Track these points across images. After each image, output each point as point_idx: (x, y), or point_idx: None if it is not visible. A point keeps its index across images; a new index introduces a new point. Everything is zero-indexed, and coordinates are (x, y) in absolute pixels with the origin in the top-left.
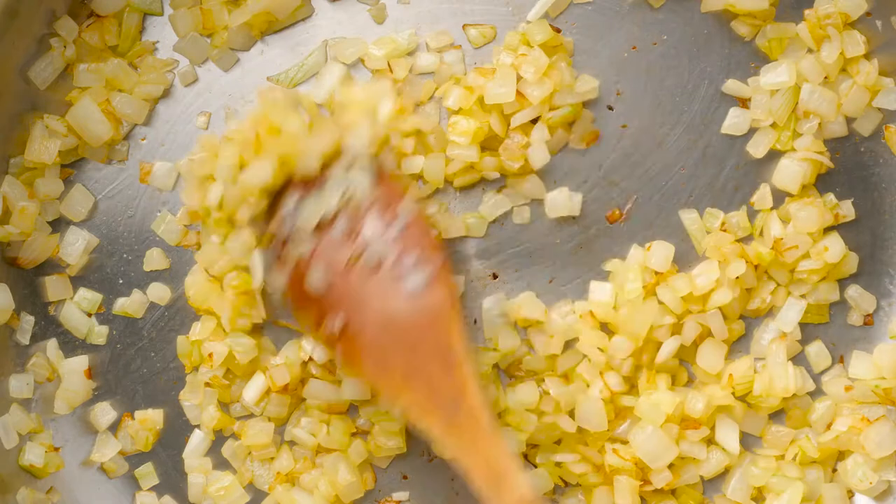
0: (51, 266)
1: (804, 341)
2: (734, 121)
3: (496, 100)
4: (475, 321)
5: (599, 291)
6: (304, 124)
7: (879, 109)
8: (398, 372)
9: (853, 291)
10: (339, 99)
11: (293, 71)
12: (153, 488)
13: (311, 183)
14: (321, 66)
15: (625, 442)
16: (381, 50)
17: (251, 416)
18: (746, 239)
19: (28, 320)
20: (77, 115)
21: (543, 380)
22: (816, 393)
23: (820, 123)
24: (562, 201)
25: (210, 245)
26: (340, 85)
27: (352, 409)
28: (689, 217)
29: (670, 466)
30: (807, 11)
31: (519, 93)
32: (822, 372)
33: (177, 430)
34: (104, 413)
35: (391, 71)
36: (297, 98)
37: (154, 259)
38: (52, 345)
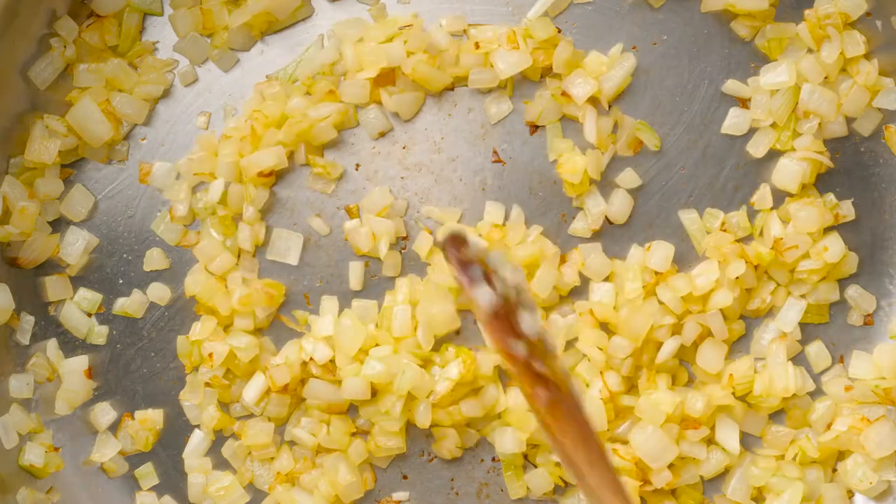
0: (51, 266)
1: (804, 341)
2: (734, 121)
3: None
4: (475, 321)
5: (600, 291)
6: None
7: (879, 109)
8: (569, 438)
9: (853, 291)
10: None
11: (291, 67)
12: (153, 488)
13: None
14: (319, 60)
15: (625, 442)
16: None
17: (251, 416)
18: (746, 239)
19: (28, 320)
20: (77, 115)
21: None
22: (816, 393)
23: (820, 123)
24: None
25: (210, 240)
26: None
27: (352, 409)
28: (688, 217)
29: (670, 466)
30: (807, 11)
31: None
32: (822, 372)
33: (177, 430)
34: (104, 413)
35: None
36: None
37: (154, 259)
38: (52, 345)
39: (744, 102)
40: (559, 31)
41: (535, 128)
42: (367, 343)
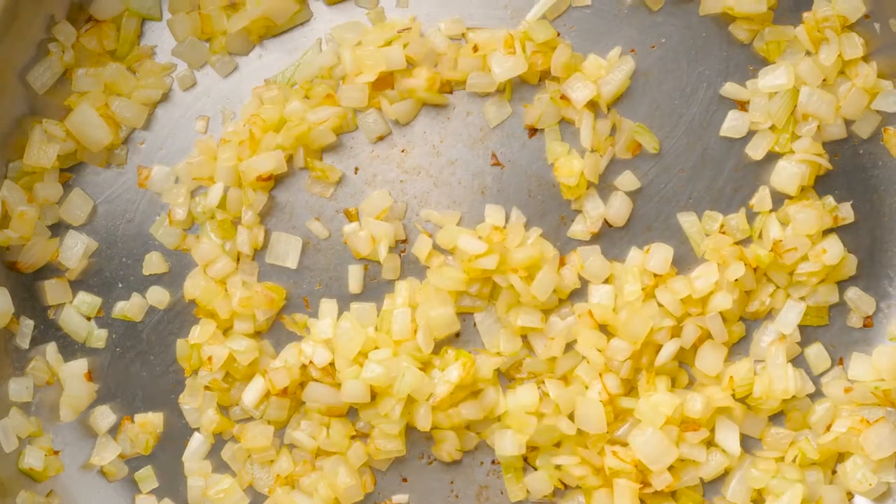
0: (50, 270)
1: (804, 343)
2: (733, 123)
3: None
4: (474, 324)
5: (599, 294)
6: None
7: (878, 112)
8: None
9: (852, 293)
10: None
11: (289, 71)
12: (153, 492)
13: None
14: (317, 64)
15: (625, 444)
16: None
17: (251, 419)
18: (745, 241)
19: (27, 324)
20: (76, 119)
21: (543, 381)
22: (816, 395)
23: (819, 126)
24: None
25: (209, 243)
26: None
27: (351, 412)
28: (687, 219)
29: (670, 468)
30: (805, 14)
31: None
32: (822, 374)
33: (176, 433)
34: (104, 416)
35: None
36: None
37: (153, 263)
38: (51, 348)
39: (742, 105)
40: (558, 35)
41: (533, 131)
42: (367, 346)
